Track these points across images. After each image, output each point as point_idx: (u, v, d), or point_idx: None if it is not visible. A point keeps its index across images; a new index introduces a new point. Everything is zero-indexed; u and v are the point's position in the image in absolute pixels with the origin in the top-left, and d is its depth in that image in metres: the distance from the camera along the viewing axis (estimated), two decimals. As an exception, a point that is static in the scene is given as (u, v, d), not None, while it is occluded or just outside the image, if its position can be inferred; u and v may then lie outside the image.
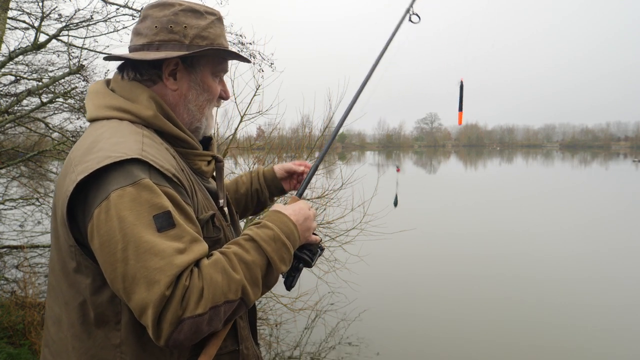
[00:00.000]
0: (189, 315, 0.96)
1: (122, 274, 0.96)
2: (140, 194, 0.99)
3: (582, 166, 53.60)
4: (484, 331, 6.65)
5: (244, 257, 1.08)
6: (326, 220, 5.88)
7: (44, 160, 8.07)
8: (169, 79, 1.24)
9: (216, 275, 1.01)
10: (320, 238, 1.39)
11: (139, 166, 1.02)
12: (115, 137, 1.09)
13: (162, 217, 0.99)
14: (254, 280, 1.08)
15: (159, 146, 1.13)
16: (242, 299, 1.05)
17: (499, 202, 20.19)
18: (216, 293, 1.00)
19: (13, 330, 4.92)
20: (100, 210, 0.99)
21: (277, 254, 1.13)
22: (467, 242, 12.08)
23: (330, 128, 5.92)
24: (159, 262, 0.95)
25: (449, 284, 8.73)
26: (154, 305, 0.94)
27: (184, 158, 1.26)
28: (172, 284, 0.95)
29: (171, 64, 1.24)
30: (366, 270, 6.53)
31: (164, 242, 0.97)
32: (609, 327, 6.84)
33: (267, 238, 1.13)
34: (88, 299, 1.07)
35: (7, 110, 5.23)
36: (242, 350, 1.25)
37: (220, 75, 1.34)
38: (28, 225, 7.60)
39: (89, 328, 1.09)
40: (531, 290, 8.32)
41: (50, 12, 4.87)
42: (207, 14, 1.28)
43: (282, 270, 1.15)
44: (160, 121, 1.19)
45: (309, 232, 1.29)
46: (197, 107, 1.29)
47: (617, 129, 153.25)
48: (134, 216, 0.97)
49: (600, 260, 10.54)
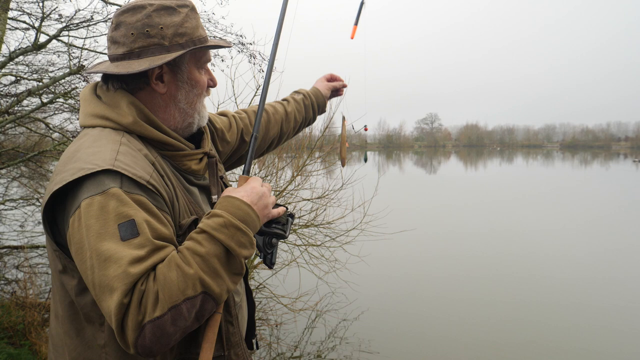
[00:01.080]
0: (148, 319, 0.97)
1: (91, 281, 1.00)
2: (108, 203, 1.01)
3: (582, 166, 53.57)
4: (485, 331, 6.64)
5: (197, 249, 1.06)
6: (326, 221, 5.88)
7: (44, 161, 8.07)
8: (157, 84, 1.25)
9: (170, 274, 1.00)
10: (286, 207, 1.36)
11: (110, 176, 1.04)
12: (93, 147, 1.12)
13: (126, 225, 1.00)
14: (213, 271, 1.06)
15: (135, 153, 1.14)
16: (204, 292, 1.03)
17: (500, 202, 20.18)
18: (172, 292, 0.99)
19: (13, 330, 4.92)
20: (74, 218, 1.03)
21: (234, 240, 1.09)
22: (467, 242, 12.07)
23: (330, 128, 5.92)
24: (117, 269, 0.97)
25: (450, 284, 8.72)
26: (114, 313, 0.96)
27: (171, 160, 1.27)
28: (129, 292, 0.97)
29: (156, 68, 1.24)
30: (366, 270, 6.54)
31: (124, 250, 0.98)
32: (612, 326, 6.84)
33: (217, 226, 1.09)
34: (74, 300, 1.11)
35: (7, 110, 5.22)
36: (229, 357, 1.24)
37: (205, 66, 1.34)
38: (28, 225, 7.61)
39: (78, 326, 1.12)
40: (532, 290, 8.31)
41: (51, 12, 4.86)
42: (179, 7, 1.26)
43: (243, 254, 1.11)
44: (140, 127, 1.20)
45: (267, 209, 1.25)
46: (188, 104, 1.30)
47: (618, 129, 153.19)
48: (99, 225, 1.00)
49: (602, 260, 10.53)
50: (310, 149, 6.00)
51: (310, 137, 6.16)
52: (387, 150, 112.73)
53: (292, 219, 1.39)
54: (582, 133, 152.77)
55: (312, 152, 6.00)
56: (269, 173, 5.86)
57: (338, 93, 2.06)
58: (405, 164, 58.23)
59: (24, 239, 7.27)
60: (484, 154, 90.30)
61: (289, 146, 6.29)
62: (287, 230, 1.35)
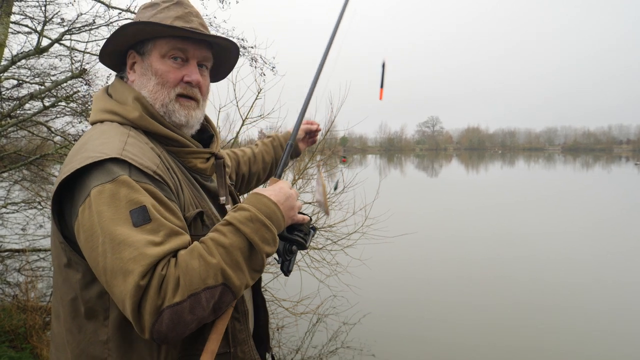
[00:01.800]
0: (167, 305, 0.96)
1: (103, 267, 0.99)
2: (119, 190, 1.02)
3: (584, 169, 53.49)
4: (487, 335, 6.62)
5: (221, 240, 1.06)
6: (328, 224, 5.87)
7: (46, 164, 8.07)
8: (130, 72, 1.29)
9: (192, 262, 1.00)
10: (310, 217, 1.36)
11: (119, 164, 1.05)
12: (102, 139, 1.13)
13: (138, 212, 1.01)
14: (235, 263, 1.06)
15: (143, 145, 1.15)
16: (224, 284, 1.03)
17: (501, 205, 20.13)
18: (193, 280, 0.99)
19: (15, 334, 4.91)
20: (84, 207, 1.02)
21: (258, 234, 1.10)
22: (469, 245, 12.05)
23: (332, 131, 5.92)
24: (133, 252, 0.97)
25: (451, 288, 8.70)
26: (130, 296, 0.95)
27: (177, 157, 1.27)
28: (146, 274, 0.96)
29: (130, 57, 1.29)
30: (368, 273, 6.52)
31: (138, 235, 0.99)
32: (614, 329, 6.81)
33: (243, 219, 1.10)
34: (79, 294, 1.11)
35: (9, 114, 5.24)
36: (235, 354, 1.22)
37: (175, 55, 1.27)
38: (30, 228, 7.61)
39: (80, 322, 1.12)
40: (534, 294, 8.29)
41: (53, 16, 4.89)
42: (163, 2, 1.29)
43: (266, 250, 1.11)
44: (145, 122, 1.22)
45: (293, 210, 1.25)
46: (150, 93, 1.26)
47: (619, 132, 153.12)
48: (111, 211, 1.00)
49: (605, 263, 10.50)
50: (311, 153, 6.00)
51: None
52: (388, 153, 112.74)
53: (315, 231, 1.39)
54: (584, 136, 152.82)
55: (314, 156, 5.99)
56: (271, 176, 5.85)
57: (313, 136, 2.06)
58: (407, 167, 58.21)
59: (25, 242, 7.26)
60: (485, 157, 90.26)
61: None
62: (308, 241, 1.34)
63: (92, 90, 5.73)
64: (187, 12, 1.30)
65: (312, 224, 1.37)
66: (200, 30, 1.28)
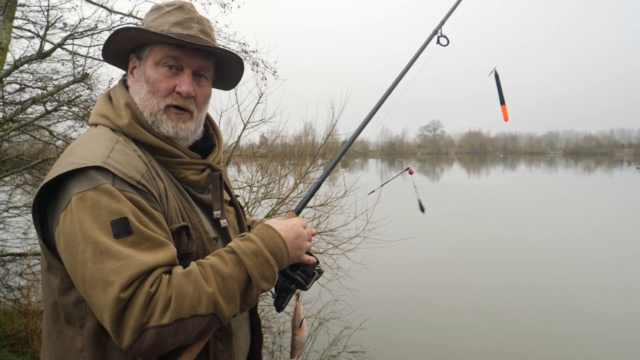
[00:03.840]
0: (153, 325, 0.94)
1: (82, 275, 0.96)
2: (100, 199, 0.99)
3: (586, 173, 53.38)
4: (488, 340, 6.59)
5: (221, 269, 1.04)
6: (329, 228, 5.86)
7: (47, 168, 8.07)
8: (129, 76, 1.27)
9: (187, 286, 0.98)
10: (317, 260, 1.31)
11: (102, 173, 1.03)
12: (90, 143, 1.11)
13: (119, 223, 0.98)
14: (230, 295, 1.03)
15: (130, 153, 1.12)
16: (214, 314, 1.00)
17: (503, 209, 20.09)
18: (184, 305, 0.96)
19: (16, 338, 4.91)
20: (66, 213, 1.00)
21: (258, 270, 1.07)
22: (471, 250, 12.02)
23: (333, 135, 5.92)
24: (115, 263, 0.94)
25: (453, 292, 8.67)
26: (109, 308, 0.93)
27: (167, 167, 1.22)
28: (128, 287, 0.93)
29: (131, 61, 1.26)
30: (369, 278, 6.50)
31: (119, 247, 0.96)
32: (617, 334, 6.77)
33: (248, 251, 1.08)
34: (57, 299, 1.09)
35: (11, 118, 5.25)
36: None
37: (169, 63, 1.20)
38: (31, 232, 7.60)
39: (59, 327, 1.10)
40: (537, 298, 8.26)
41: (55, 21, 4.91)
42: (167, 6, 1.26)
43: (262, 287, 1.09)
44: (134, 129, 1.18)
45: (300, 250, 1.22)
46: (141, 100, 1.21)
47: (621, 136, 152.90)
48: (92, 220, 0.98)
49: (608, 267, 10.46)
50: (312, 156, 6.00)
51: (312, 145, 6.17)
52: (389, 157, 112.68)
53: (320, 274, 1.34)
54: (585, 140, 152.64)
55: (315, 160, 5.99)
56: (272, 180, 5.85)
57: None
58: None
59: (27, 246, 7.26)
60: (487, 161, 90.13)
61: (291, 153, 6.30)
62: (310, 283, 1.30)
63: (94, 95, 5.75)
64: (188, 17, 1.23)
65: (319, 267, 1.33)
66: (198, 38, 1.21)
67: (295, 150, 6.34)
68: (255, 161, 6.03)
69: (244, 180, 5.82)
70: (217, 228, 1.30)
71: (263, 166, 5.94)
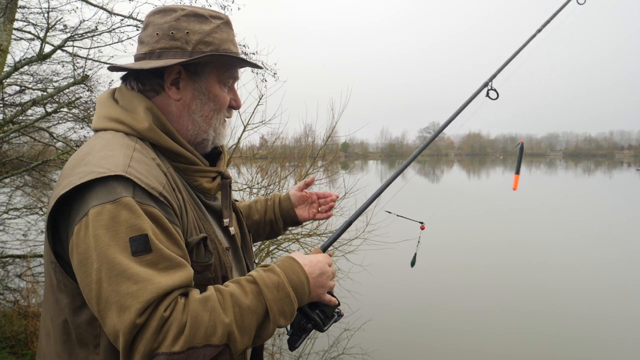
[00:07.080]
0: (164, 351, 0.90)
1: (96, 295, 0.92)
2: (119, 213, 0.94)
3: (586, 175, 53.41)
4: (489, 342, 6.58)
5: (240, 299, 1.00)
6: (329, 230, 5.86)
7: (47, 170, 8.09)
8: (171, 88, 1.18)
9: (203, 314, 0.94)
10: (339, 302, 1.26)
11: (123, 183, 0.97)
12: (105, 150, 1.05)
13: (138, 240, 0.93)
14: (246, 328, 1.00)
15: (149, 161, 1.07)
16: (227, 345, 0.96)
17: (504, 211, 20.09)
18: (198, 333, 0.92)
19: (15, 339, 4.90)
20: (80, 226, 0.95)
21: (278, 305, 1.04)
22: (471, 251, 12.02)
23: (333, 137, 5.93)
24: (132, 287, 0.90)
25: (454, 294, 8.67)
26: (123, 333, 0.89)
27: (183, 174, 1.19)
28: (143, 311, 0.90)
29: (173, 72, 1.18)
30: (369, 279, 6.50)
31: (137, 267, 0.92)
32: (618, 335, 6.77)
33: (270, 284, 1.05)
34: (68, 319, 1.04)
35: (11, 120, 5.26)
36: None
37: (229, 82, 1.26)
38: (31, 234, 7.60)
39: (71, 348, 1.04)
40: (538, 300, 8.25)
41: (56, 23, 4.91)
42: (212, 18, 1.20)
43: (280, 323, 1.05)
44: (155, 134, 1.13)
45: (322, 289, 1.18)
46: (202, 117, 1.21)
47: (621, 138, 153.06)
48: (109, 236, 0.92)
49: (609, 269, 10.45)
50: (312, 158, 6.00)
51: (312, 146, 6.17)
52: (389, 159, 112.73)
53: (339, 317, 1.28)
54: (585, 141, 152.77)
55: (315, 161, 5.99)
56: (272, 182, 5.86)
57: (326, 205, 1.90)
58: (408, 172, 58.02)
59: (26, 248, 7.26)
60: (486, 163, 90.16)
61: (291, 155, 6.30)
62: (327, 325, 1.24)
63: (94, 97, 5.75)
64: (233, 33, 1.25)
65: (339, 309, 1.27)
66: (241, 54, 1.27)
67: (295, 151, 6.35)
68: (255, 163, 6.03)
69: (244, 182, 5.83)
70: (227, 235, 1.29)
71: (263, 168, 5.94)
